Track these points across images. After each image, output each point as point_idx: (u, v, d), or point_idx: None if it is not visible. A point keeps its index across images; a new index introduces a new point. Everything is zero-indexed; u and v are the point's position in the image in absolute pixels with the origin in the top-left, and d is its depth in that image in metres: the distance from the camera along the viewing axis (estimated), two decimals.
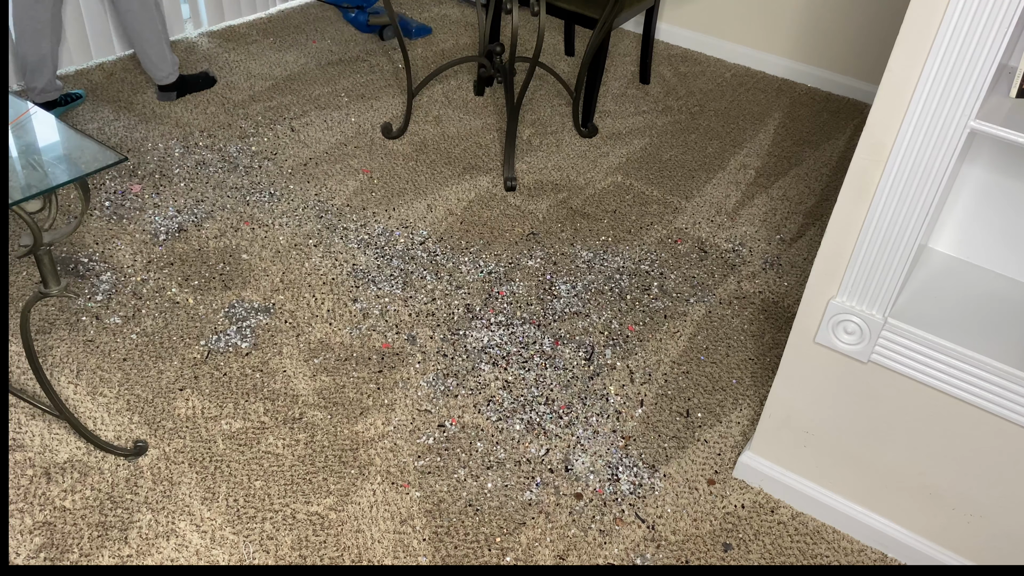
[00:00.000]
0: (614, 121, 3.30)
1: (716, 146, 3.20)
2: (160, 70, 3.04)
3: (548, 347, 2.26)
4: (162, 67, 3.04)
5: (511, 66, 2.79)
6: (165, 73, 3.06)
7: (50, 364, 2.09)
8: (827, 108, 3.52)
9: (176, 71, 3.10)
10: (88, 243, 2.46)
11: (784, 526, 1.88)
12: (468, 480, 1.91)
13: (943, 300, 1.62)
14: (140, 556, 1.71)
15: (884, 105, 1.43)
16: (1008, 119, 1.34)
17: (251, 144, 2.96)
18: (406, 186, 2.83)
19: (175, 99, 3.15)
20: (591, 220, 2.75)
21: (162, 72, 3.05)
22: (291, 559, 1.73)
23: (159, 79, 3.07)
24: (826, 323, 1.65)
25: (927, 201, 1.45)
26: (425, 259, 2.52)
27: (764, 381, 2.23)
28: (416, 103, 3.29)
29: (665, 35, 3.96)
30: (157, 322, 2.23)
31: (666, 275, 2.55)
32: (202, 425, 1.97)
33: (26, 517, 1.75)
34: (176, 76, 3.10)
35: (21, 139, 1.58)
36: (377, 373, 2.15)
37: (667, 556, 1.80)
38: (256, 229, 2.58)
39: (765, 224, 2.81)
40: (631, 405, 2.13)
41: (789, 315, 2.45)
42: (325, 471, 1.90)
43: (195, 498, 1.82)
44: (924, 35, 1.34)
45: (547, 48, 3.81)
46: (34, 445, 1.89)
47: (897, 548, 1.82)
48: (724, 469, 1.99)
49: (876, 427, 1.73)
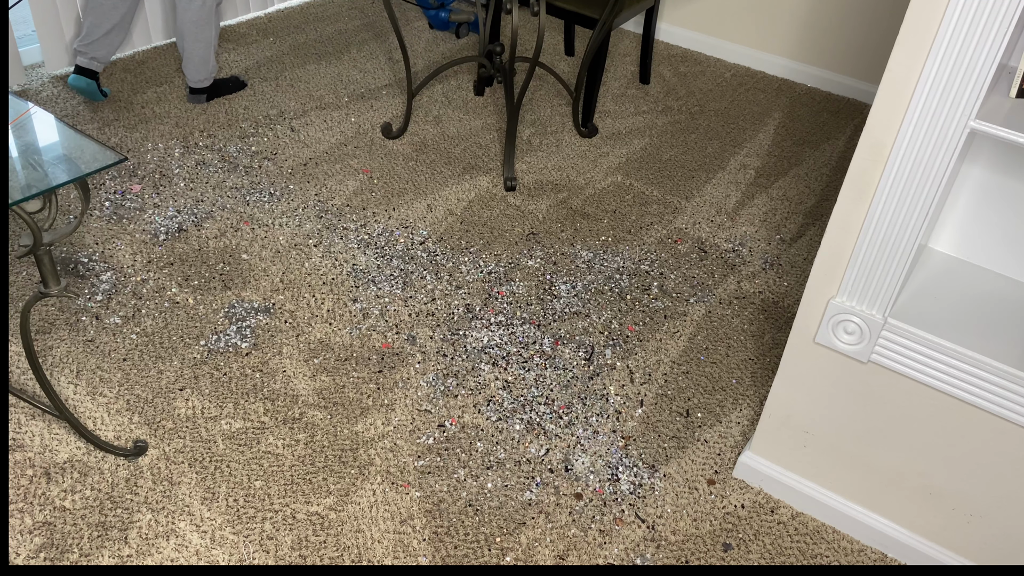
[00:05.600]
0: (614, 121, 3.30)
1: (716, 146, 3.20)
2: (199, 73, 3.04)
3: (548, 347, 2.26)
4: (202, 71, 3.04)
5: (511, 66, 2.79)
6: (202, 77, 3.06)
7: (50, 364, 2.09)
8: (827, 108, 3.52)
9: (212, 77, 3.10)
10: (88, 243, 2.46)
11: (784, 526, 1.88)
12: (468, 480, 1.91)
13: (943, 300, 1.62)
14: (140, 556, 1.71)
15: (884, 105, 1.43)
16: (1008, 119, 1.34)
17: (251, 144, 2.96)
18: (406, 186, 2.83)
19: (204, 102, 3.15)
20: (591, 220, 2.75)
21: (200, 75, 3.05)
22: (291, 559, 1.73)
23: (195, 82, 3.07)
24: (826, 323, 1.65)
25: (927, 201, 1.45)
26: (425, 259, 2.52)
27: (764, 381, 2.23)
28: (416, 103, 3.29)
29: (665, 35, 3.96)
30: (157, 322, 2.23)
31: (666, 275, 2.55)
32: (202, 425, 1.97)
33: (26, 517, 1.75)
34: (211, 82, 3.11)
35: (21, 139, 1.58)
36: (377, 373, 2.15)
37: (667, 556, 1.80)
38: (256, 229, 2.58)
39: (765, 224, 2.81)
40: (631, 405, 2.13)
41: (789, 315, 2.45)
42: (325, 471, 1.90)
43: (195, 498, 1.82)
44: (924, 35, 1.34)
45: (547, 48, 3.81)
46: (34, 445, 1.89)
47: (897, 548, 1.82)
48: (724, 469, 1.99)
49: (876, 427, 1.73)
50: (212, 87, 3.13)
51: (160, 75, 3.29)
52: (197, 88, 3.09)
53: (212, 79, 3.10)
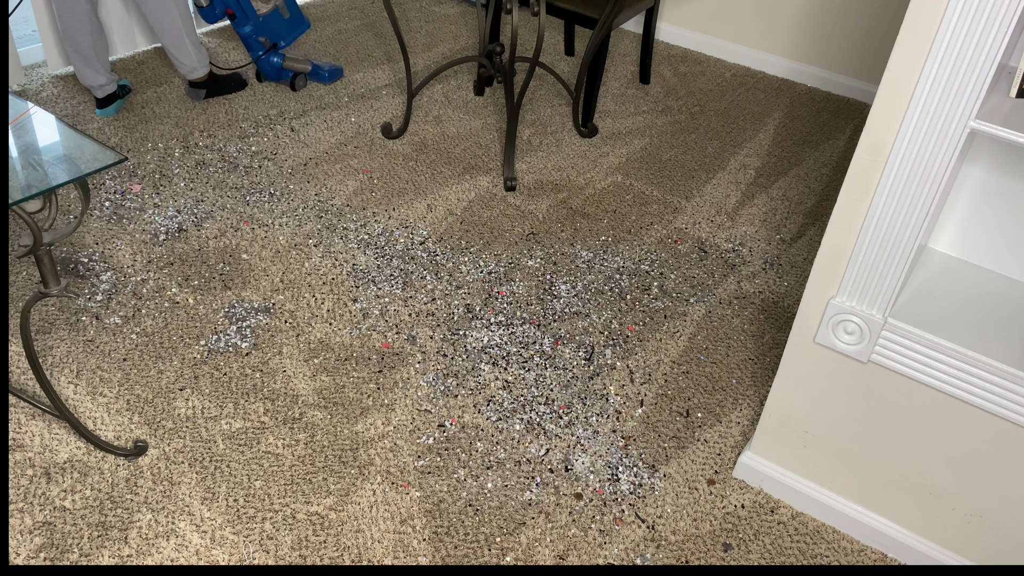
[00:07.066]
0: (614, 121, 3.30)
1: (716, 146, 3.20)
2: (182, 64, 3.00)
3: (548, 347, 2.26)
4: (186, 61, 2.99)
5: (511, 66, 2.79)
6: (188, 68, 3.02)
7: (50, 364, 2.09)
8: (827, 108, 3.52)
9: (203, 67, 3.05)
10: (88, 243, 2.46)
11: (784, 526, 1.88)
12: (468, 480, 1.91)
13: (943, 300, 1.62)
14: (140, 556, 1.71)
15: (884, 105, 1.43)
16: (1008, 119, 1.34)
17: (251, 144, 2.96)
18: (406, 186, 2.83)
19: (204, 99, 3.13)
20: (591, 220, 2.75)
21: (187, 66, 3.01)
22: (291, 559, 1.73)
23: (184, 73, 3.04)
24: (826, 323, 1.65)
25: (927, 201, 1.45)
26: (425, 259, 2.52)
27: (764, 381, 2.23)
28: (416, 103, 3.29)
29: (665, 35, 3.96)
30: (157, 322, 2.23)
31: (666, 275, 2.55)
32: (202, 425, 1.97)
33: (26, 517, 1.75)
34: (203, 72, 3.06)
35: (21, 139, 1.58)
36: (377, 373, 2.15)
37: (667, 556, 1.80)
38: (256, 229, 2.58)
39: (765, 224, 2.81)
40: (631, 405, 2.13)
41: (789, 315, 2.45)
42: (325, 471, 1.90)
43: (195, 498, 1.82)
44: (924, 35, 1.34)
45: (547, 48, 3.81)
46: (34, 445, 1.89)
47: (897, 548, 1.82)
48: (724, 469, 1.99)
49: (876, 427, 1.73)
50: (212, 84, 3.12)
51: (160, 75, 3.29)
52: (194, 82, 3.08)
53: (204, 69, 3.06)
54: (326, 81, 3.34)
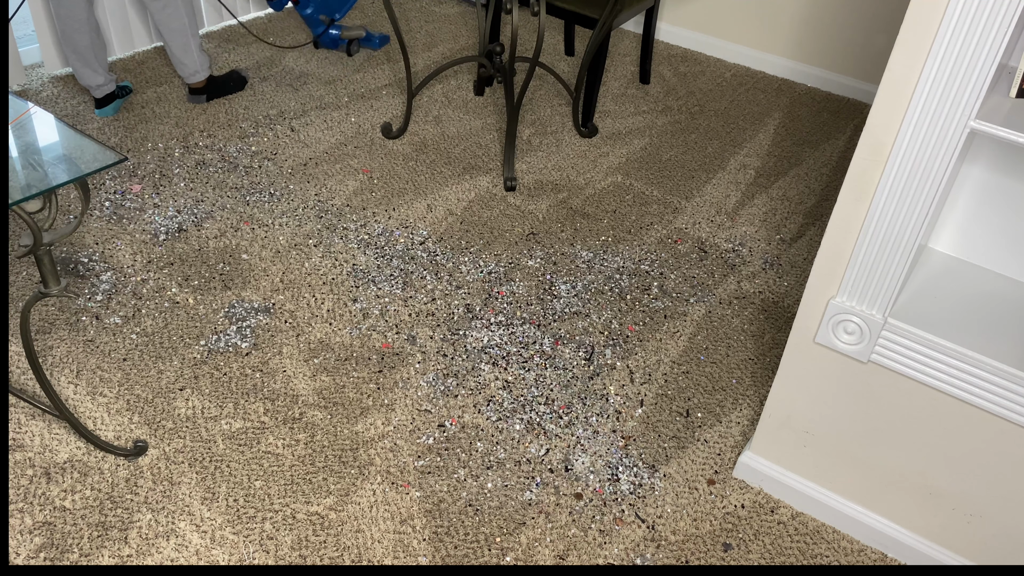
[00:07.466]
0: (614, 121, 3.30)
1: (716, 146, 3.20)
2: (185, 66, 3.00)
3: (548, 347, 2.26)
4: (188, 65, 2.99)
5: (511, 66, 2.79)
6: (192, 71, 3.02)
7: (50, 364, 2.09)
8: (827, 108, 3.52)
9: (204, 71, 3.05)
10: (88, 243, 2.46)
11: (784, 526, 1.88)
12: (468, 480, 1.91)
13: (943, 300, 1.62)
14: (140, 556, 1.71)
15: (884, 105, 1.43)
16: (1008, 119, 1.34)
17: (251, 144, 2.96)
18: (406, 186, 2.83)
19: (205, 102, 3.13)
20: (591, 220, 2.75)
21: (189, 71, 3.01)
22: (291, 559, 1.73)
23: (184, 77, 3.04)
24: (826, 323, 1.65)
25: (927, 201, 1.45)
26: (425, 259, 2.52)
27: (764, 381, 2.23)
28: (416, 103, 3.29)
29: (665, 35, 3.96)
30: (157, 322, 2.23)
31: (666, 275, 2.55)
32: (202, 425, 1.97)
33: (26, 517, 1.75)
34: (204, 76, 3.06)
35: (21, 139, 1.58)
36: (377, 373, 2.15)
37: (667, 556, 1.80)
38: (256, 229, 2.58)
39: (765, 224, 2.81)
40: (631, 405, 2.13)
41: (789, 315, 2.45)
42: (325, 471, 1.90)
43: (195, 498, 1.82)
44: (924, 35, 1.34)
45: (547, 48, 3.81)
46: (34, 445, 1.89)
47: (897, 548, 1.82)
48: (724, 469, 1.99)
49: (876, 427, 1.73)
50: (212, 87, 3.13)
51: (160, 75, 3.29)
52: (195, 87, 3.09)
53: (207, 74, 3.07)
54: (376, 47, 3.65)
